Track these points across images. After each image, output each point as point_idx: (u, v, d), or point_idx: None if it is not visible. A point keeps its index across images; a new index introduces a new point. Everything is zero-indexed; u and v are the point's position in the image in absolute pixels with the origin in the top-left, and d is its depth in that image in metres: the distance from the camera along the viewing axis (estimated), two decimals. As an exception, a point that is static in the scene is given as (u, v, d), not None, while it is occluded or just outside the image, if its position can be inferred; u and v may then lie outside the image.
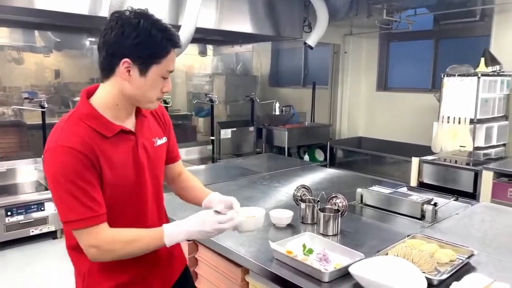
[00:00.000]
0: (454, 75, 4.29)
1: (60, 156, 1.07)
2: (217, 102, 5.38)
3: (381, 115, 6.17)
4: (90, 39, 4.82)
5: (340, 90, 6.54)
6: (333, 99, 6.62)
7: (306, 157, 6.09)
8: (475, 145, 4.20)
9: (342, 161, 6.11)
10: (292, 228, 1.84)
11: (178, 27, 3.97)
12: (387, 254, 1.49)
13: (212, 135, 5.36)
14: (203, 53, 6.17)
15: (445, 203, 2.13)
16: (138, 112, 1.24)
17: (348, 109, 6.56)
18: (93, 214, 1.10)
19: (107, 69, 1.12)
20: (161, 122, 1.35)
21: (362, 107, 6.48)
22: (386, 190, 2.22)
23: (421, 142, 5.13)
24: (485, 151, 4.22)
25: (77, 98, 4.61)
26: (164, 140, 1.33)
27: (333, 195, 1.92)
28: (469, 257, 1.49)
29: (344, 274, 1.37)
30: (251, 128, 5.88)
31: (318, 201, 1.91)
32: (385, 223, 1.99)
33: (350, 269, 1.33)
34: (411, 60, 6.04)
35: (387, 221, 2.02)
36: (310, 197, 1.94)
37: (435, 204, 2.00)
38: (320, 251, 1.50)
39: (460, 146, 4.21)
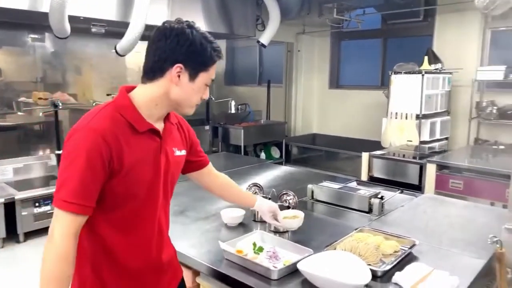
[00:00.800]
0: (401, 73, 4.49)
1: (84, 135, 1.10)
2: (171, 101, 5.28)
3: (333, 112, 6.34)
4: (31, 35, 4.55)
5: (294, 88, 6.64)
6: (287, 97, 6.71)
7: (263, 155, 6.13)
8: (421, 139, 4.42)
9: (297, 157, 6.22)
10: (244, 227, 1.84)
11: (127, 24, 3.85)
12: (335, 249, 1.52)
13: (167, 135, 5.26)
14: (156, 50, 6.02)
15: (391, 196, 2.22)
16: (166, 119, 1.29)
17: (302, 106, 6.68)
18: (80, 202, 1.08)
19: (157, 72, 1.19)
20: (183, 135, 1.39)
21: (315, 105, 6.62)
22: (335, 186, 2.28)
23: (372, 138, 5.33)
24: (430, 145, 4.45)
25: (22, 99, 4.31)
26: (183, 152, 1.36)
27: (284, 192, 1.94)
28: (411, 247, 1.56)
29: (293, 271, 1.39)
30: (207, 127, 5.83)
31: (269, 198, 1.92)
32: (335, 218, 2.04)
33: (298, 265, 1.35)
34: (361, 58, 6.25)
35: (337, 215, 2.07)
36: (261, 195, 1.94)
37: (381, 198, 2.08)
38: (270, 249, 1.51)
39: (407, 141, 4.41)
